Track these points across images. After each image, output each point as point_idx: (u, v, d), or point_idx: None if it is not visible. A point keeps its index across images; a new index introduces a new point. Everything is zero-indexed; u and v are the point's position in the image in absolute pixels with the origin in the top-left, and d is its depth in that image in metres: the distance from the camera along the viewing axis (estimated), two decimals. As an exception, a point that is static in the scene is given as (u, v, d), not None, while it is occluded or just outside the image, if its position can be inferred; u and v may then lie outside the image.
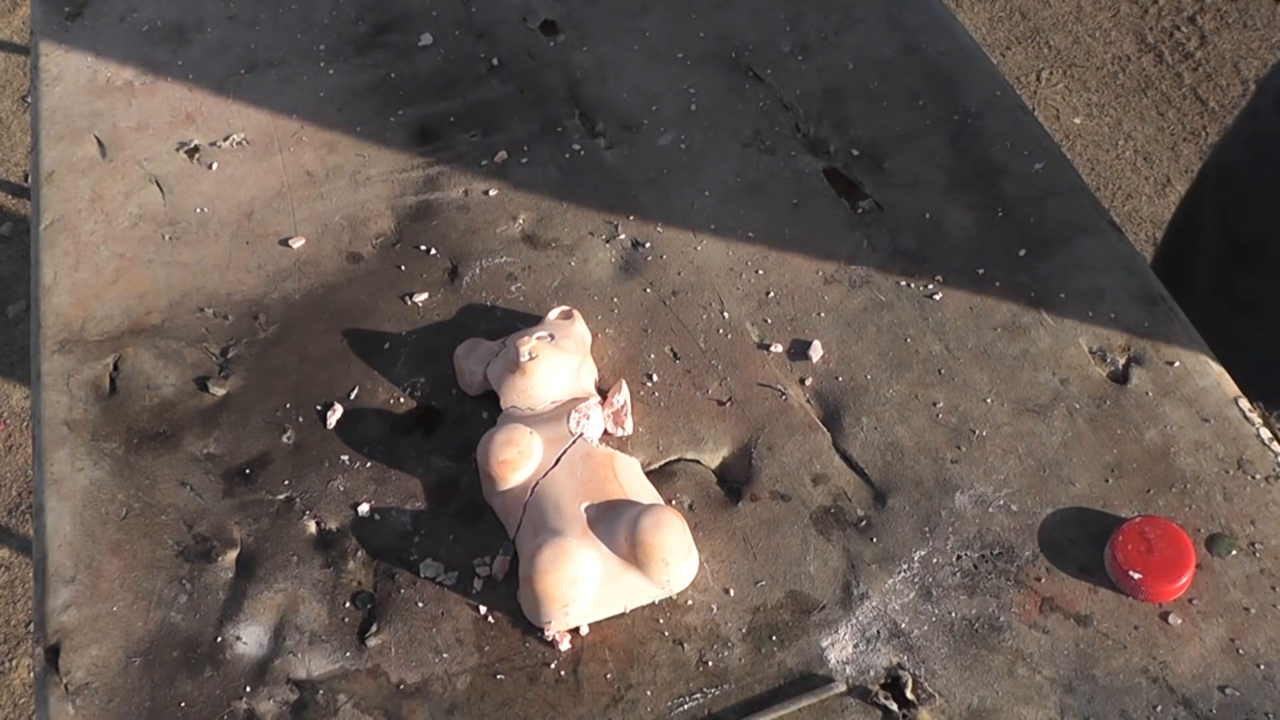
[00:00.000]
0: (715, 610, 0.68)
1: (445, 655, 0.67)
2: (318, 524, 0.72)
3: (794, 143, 0.92)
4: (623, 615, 0.68)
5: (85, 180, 0.91)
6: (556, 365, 0.74)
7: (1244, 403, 0.75)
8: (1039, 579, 0.69)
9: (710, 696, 0.65)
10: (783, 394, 0.77)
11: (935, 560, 0.70)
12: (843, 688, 0.65)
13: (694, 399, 0.77)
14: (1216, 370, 0.77)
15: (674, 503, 0.72)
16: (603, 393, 0.77)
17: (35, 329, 0.82)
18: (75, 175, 0.91)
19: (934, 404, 0.76)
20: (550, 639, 0.67)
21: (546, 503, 0.69)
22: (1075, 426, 0.75)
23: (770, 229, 0.86)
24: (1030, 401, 0.76)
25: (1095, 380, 0.77)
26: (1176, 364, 0.77)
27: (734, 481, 0.74)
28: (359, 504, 0.73)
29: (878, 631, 0.67)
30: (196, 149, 0.93)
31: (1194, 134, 2.02)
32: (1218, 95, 2.06)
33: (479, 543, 0.71)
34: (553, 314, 0.79)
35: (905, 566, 0.70)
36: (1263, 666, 0.65)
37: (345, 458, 0.75)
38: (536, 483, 0.70)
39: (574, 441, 0.72)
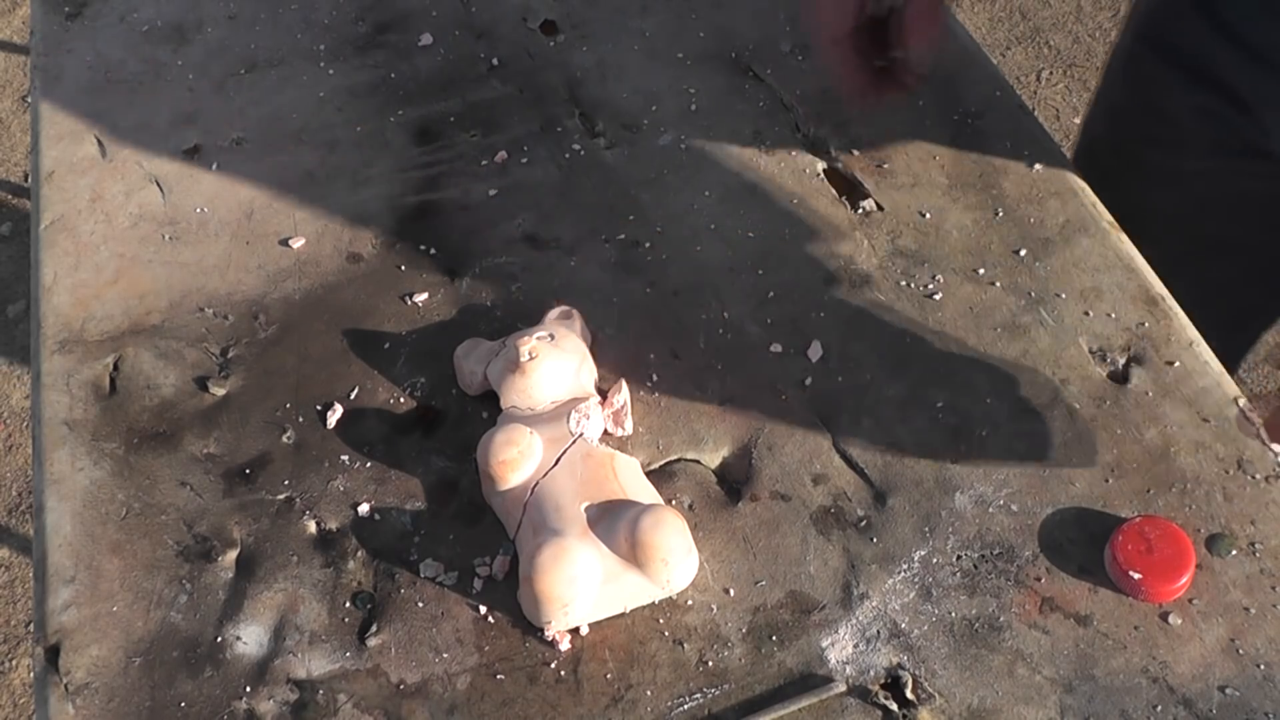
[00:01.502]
0: (715, 610, 0.68)
1: (445, 655, 0.67)
2: (318, 524, 0.72)
3: (794, 143, 0.92)
4: (623, 615, 0.68)
5: (85, 180, 0.91)
6: (556, 365, 0.74)
7: (1244, 403, 0.75)
8: (1039, 579, 0.69)
9: (710, 696, 0.65)
10: (783, 394, 0.77)
11: (935, 560, 0.70)
12: (843, 688, 0.65)
13: (694, 399, 0.77)
14: (1216, 370, 0.77)
15: (674, 503, 0.72)
16: (603, 393, 0.77)
17: (35, 329, 0.82)
18: (75, 175, 0.91)
19: (934, 404, 0.76)
20: (550, 639, 0.67)
21: (546, 503, 0.69)
22: (1075, 426, 0.75)
23: (770, 229, 0.86)
24: (1030, 401, 0.76)
25: (1095, 380, 0.77)
26: (1176, 364, 0.78)
27: (734, 481, 0.74)
28: (359, 504, 0.73)
29: (878, 631, 0.67)
30: (196, 149, 0.93)
31: (1194, 134, 2.01)
32: (1218, 95, 2.06)
33: (479, 543, 0.71)
34: (553, 314, 0.79)
35: (905, 566, 0.70)
36: (1263, 666, 0.65)
37: (345, 458, 0.75)
38: (536, 483, 0.70)
39: (574, 441, 0.72)
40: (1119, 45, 1.06)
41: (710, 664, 0.66)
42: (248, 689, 0.66)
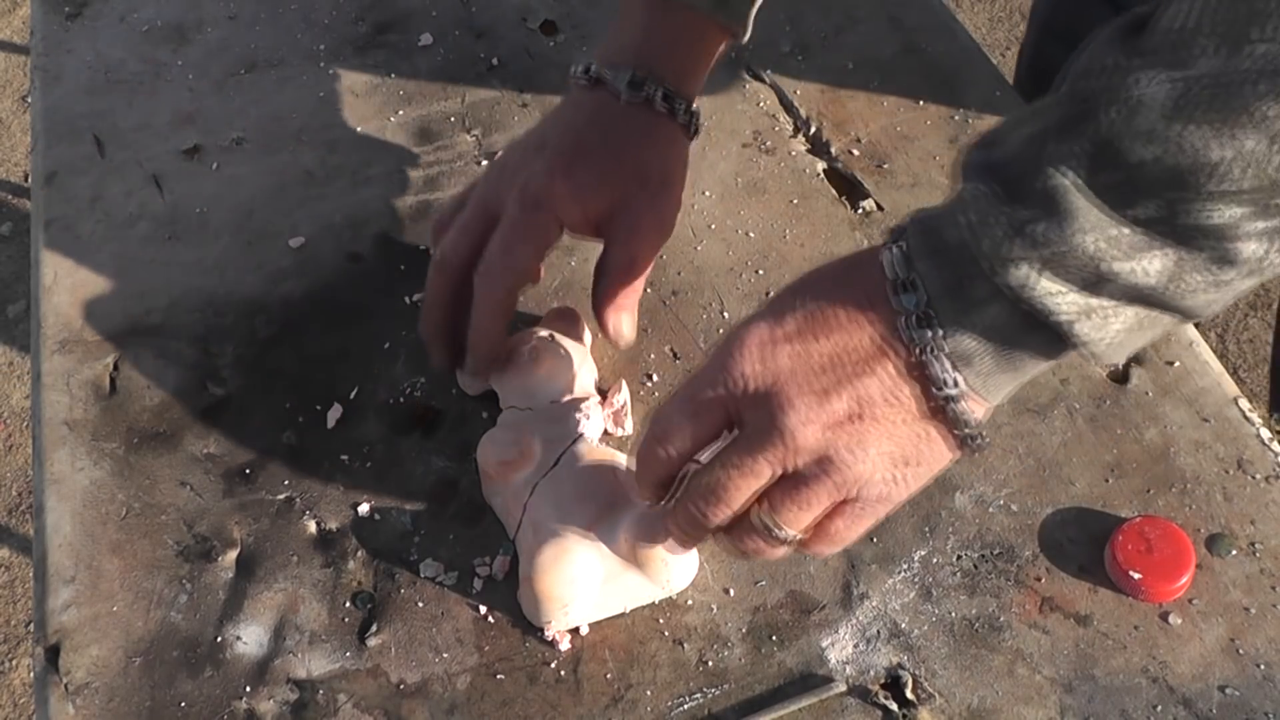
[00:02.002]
0: (715, 610, 0.68)
1: (445, 655, 0.67)
2: (318, 524, 0.72)
3: (794, 143, 0.92)
4: (623, 615, 0.68)
5: (85, 180, 0.91)
6: (556, 365, 0.74)
7: (1244, 403, 0.75)
8: (1039, 579, 0.69)
9: (710, 696, 0.65)
10: (783, 394, 0.77)
11: (935, 560, 0.70)
12: (843, 688, 0.65)
13: (694, 399, 0.77)
14: (1216, 370, 0.77)
15: (674, 503, 0.72)
16: (603, 393, 0.77)
17: (35, 329, 0.82)
18: (75, 175, 0.91)
19: (934, 404, 0.76)
20: (550, 639, 0.67)
21: (546, 503, 0.69)
22: (1075, 426, 0.75)
23: (770, 229, 0.86)
24: (1030, 401, 0.76)
25: (1095, 380, 0.77)
26: (1176, 364, 0.78)
27: (734, 481, 0.74)
28: (359, 504, 0.73)
29: (878, 631, 0.67)
30: (197, 149, 0.93)
31: (1194, 134, 2.01)
32: (1218, 95, 2.06)
33: (479, 543, 0.71)
34: (552, 314, 0.79)
35: (905, 566, 0.70)
36: (1263, 666, 0.65)
37: (345, 458, 0.75)
38: (536, 483, 0.70)
39: (574, 441, 0.71)
40: (1025, 42, 1.06)
41: (710, 664, 0.66)
42: (248, 689, 0.66)
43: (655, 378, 0.78)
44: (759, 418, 0.54)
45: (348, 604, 0.69)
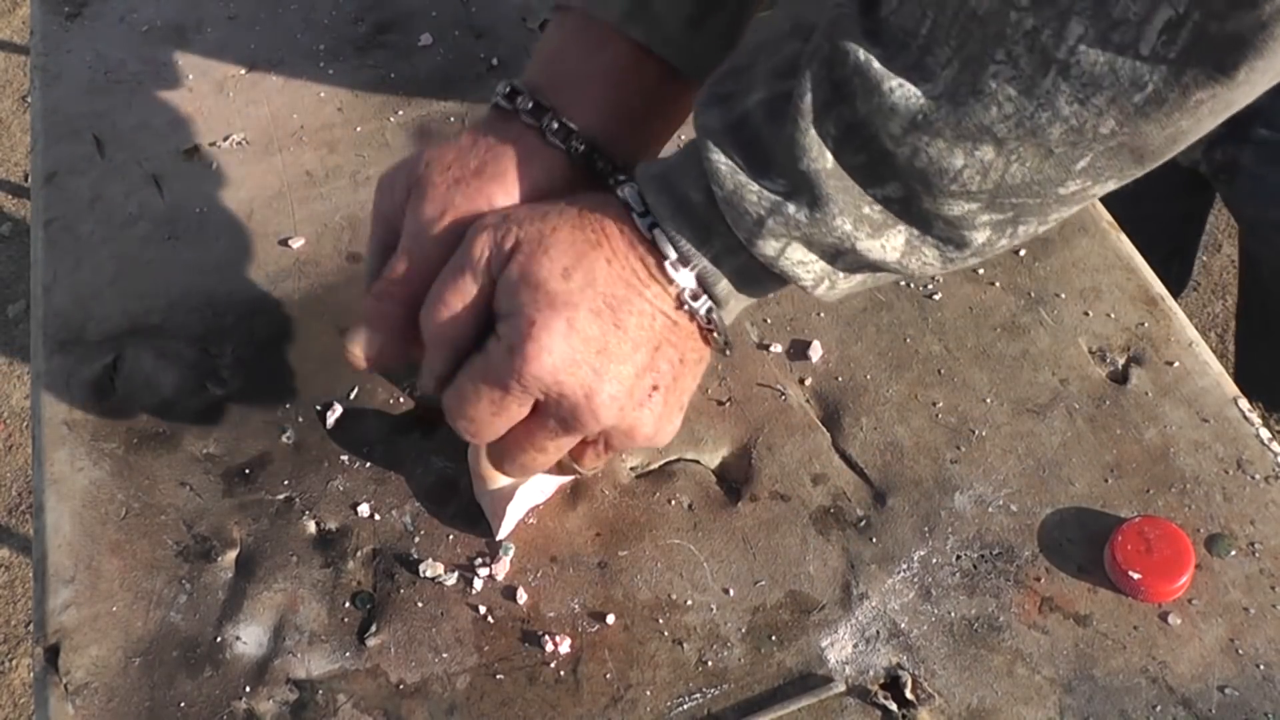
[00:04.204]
0: (715, 610, 0.68)
1: (445, 655, 0.67)
2: (318, 524, 0.72)
3: (794, 143, 0.92)
4: (620, 617, 0.68)
5: (85, 180, 0.91)
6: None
7: (1244, 403, 0.75)
8: (1039, 579, 0.69)
9: (710, 696, 0.65)
10: (782, 394, 0.77)
11: (935, 560, 0.70)
12: (842, 688, 0.65)
13: (694, 399, 0.77)
14: (1216, 370, 0.77)
15: (673, 503, 0.72)
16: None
17: (35, 329, 0.82)
18: (75, 175, 0.91)
19: (934, 404, 0.76)
20: (550, 647, 0.67)
21: (529, 506, 0.69)
22: (1075, 426, 0.75)
23: (770, 229, 0.86)
24: (1030, 401, 0.76)
25: (1095, 380, 0.77)
26: (1176, 364, 0.78)
27: (734, 481, 0.74)
28: (359, 504, 0.73)
29: (877, 631, 0.67)
30: (196, 149, 0.93)
31: (1194, 134, 2.01)
32: (1218, 95, 2.05)
33: (479, 543, 0.71)
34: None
35: (905, 566, 0.70)
36: (1262, 666, 0.65)
37: (345, 458, 0.75)
38: (520, 485, 0.70)
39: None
40: None
41: (710, 664, 0.66)
42: (247, 689, 0.66)
43: (655, 378, 0.78)
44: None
45: (347, 604, 0.69)
